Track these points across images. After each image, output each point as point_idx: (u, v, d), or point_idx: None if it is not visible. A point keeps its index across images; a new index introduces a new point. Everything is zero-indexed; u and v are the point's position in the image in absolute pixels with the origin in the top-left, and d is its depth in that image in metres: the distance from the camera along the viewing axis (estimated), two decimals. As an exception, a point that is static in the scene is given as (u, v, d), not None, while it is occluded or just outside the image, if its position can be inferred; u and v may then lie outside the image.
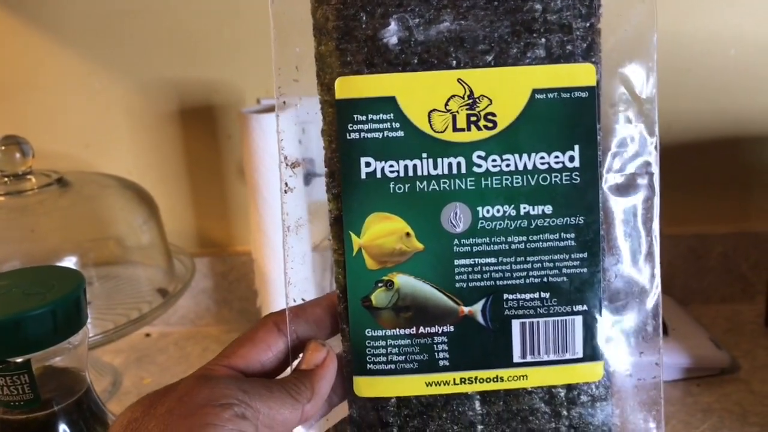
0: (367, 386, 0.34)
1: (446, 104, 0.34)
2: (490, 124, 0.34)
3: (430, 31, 0.34)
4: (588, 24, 0.34)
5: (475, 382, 0.34)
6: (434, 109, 0.34)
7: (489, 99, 0.34)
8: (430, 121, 0.34)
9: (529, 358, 0.34)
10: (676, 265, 0.78)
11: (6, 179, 0.65)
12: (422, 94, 0.34)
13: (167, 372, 0.74)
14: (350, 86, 0.34)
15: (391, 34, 0.34)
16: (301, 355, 0.33)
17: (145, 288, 0.70)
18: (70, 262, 0.64)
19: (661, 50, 0.76)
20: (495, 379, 0.34)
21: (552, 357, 0.34)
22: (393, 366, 0.34)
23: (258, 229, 0.70)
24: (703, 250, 0.78)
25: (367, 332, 0.34)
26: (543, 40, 0.34)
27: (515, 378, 0.34)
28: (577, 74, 0.34)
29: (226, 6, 0.76)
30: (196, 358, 0.76)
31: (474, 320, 0.34)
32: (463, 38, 0.34)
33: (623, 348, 0.35)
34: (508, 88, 0.34)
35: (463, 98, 0.34)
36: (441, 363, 0.34)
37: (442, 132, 0.34)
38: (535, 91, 0.34)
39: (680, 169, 0.77)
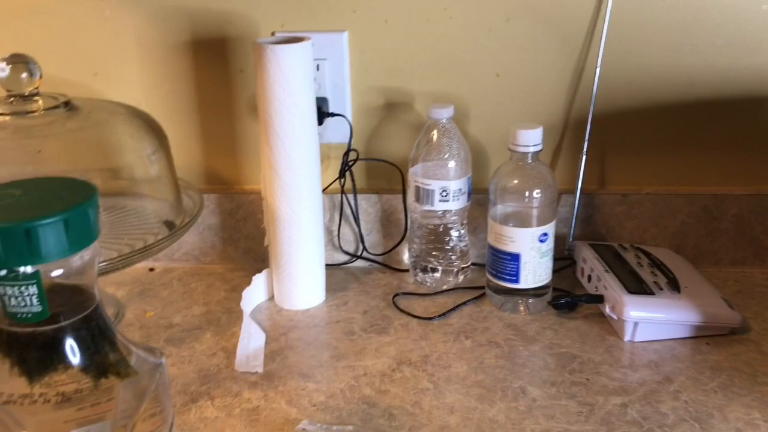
0: None
1: None
2: None
3: None
4: None
5: None
6: None
7: None
8: None
9: None
10: (690, 225, 0.77)
11: (12, 99, 0.64)
12: None
13: (170, 306, 0.73)
14: None
15: None
16: None
17: (152, 220, 0.69)
18: (76, 188, 0.63)
19: (690, 4, 0.73)
20: None
21: None
22: None
23: (269, 167, 0.68)
24: (717, 211, 0.77)
25: None
26: None
27: None
28: None
29: (243, -66, 0.73)
30: (200, 295, 0.76)
31: None
32: None
33: None
34: None
35: None
36: None
37: None
38: None
39: (699, 127, 0.76)
